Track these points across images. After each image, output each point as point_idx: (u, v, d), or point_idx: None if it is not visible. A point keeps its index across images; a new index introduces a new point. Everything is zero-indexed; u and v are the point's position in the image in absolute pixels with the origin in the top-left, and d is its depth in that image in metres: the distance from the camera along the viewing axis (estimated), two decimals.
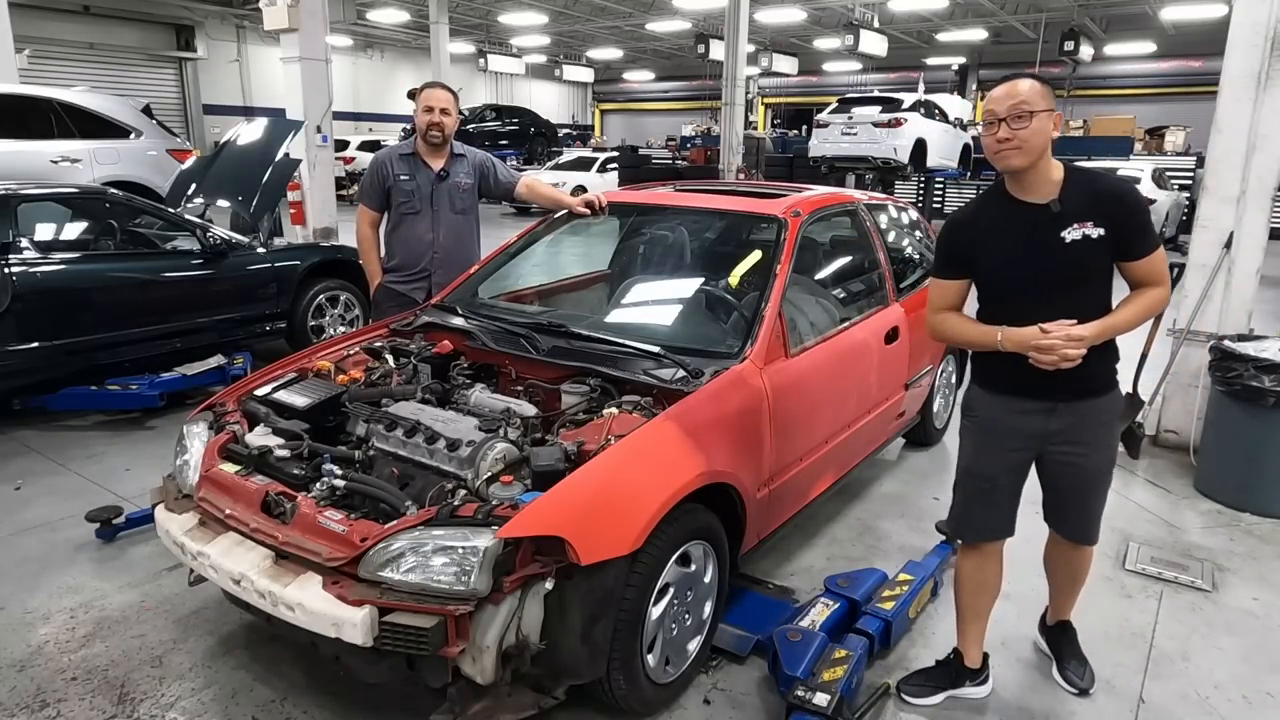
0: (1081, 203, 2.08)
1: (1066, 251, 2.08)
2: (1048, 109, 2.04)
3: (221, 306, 5.13)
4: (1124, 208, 2.09)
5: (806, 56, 25.25)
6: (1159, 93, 23.06)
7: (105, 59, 19.58)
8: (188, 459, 2.46)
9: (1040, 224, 2.10)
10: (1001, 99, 2.04)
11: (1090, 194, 2.09)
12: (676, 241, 3.57)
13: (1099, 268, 2.11)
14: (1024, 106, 2.01)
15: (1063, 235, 2.08)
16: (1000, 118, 2.03)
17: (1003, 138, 2.03)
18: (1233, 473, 3.84)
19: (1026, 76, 2.06)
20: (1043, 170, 2.10)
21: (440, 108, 3.56)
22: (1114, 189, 2.12)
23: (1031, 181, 2.11)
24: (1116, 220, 2.07)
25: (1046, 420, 2.22)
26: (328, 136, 9.58)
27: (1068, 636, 2.60)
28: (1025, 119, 2.01)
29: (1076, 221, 2.07)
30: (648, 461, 2.17)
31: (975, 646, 2.49)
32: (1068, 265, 2.09)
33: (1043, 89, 2.05)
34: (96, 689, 2.41)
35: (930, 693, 2.45)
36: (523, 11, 21.67)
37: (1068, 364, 2.04)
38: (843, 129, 14.87)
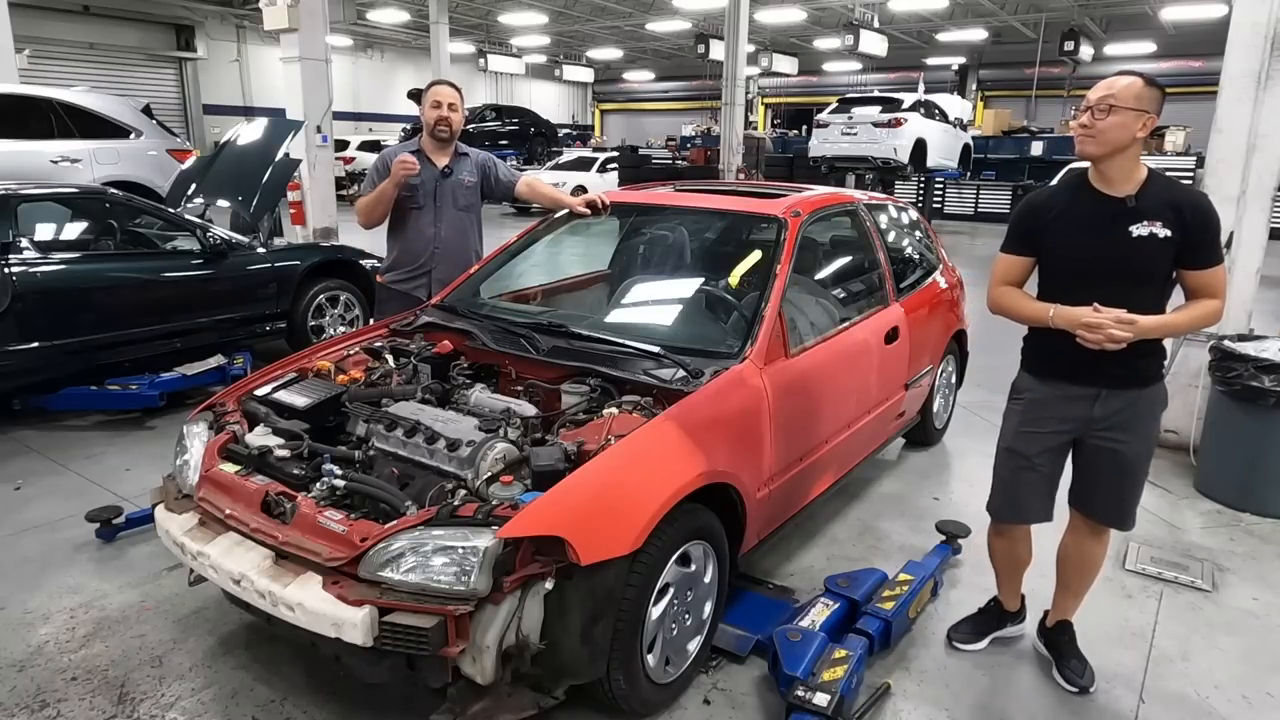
0: (1157, 204, 2.17)
1: (1132, 246, 2.16)
2: (1137, 110, 2.12)
3: (221, 306, 5.12)
4: (1197, 216, 2.16)
5: (806, 56, 25.25)
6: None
7: (105, 59, 19.57)
8: (188, 459, 2.46)
9: (1113, 216, 2.19)
10: (1096, 89, 2.18)
11: (1167, 198, 2.18)
12: (676, 241, 3.57)
13: (1160, 269, 2.19)
14: (1109, 100, 2.12)
15: (1131, 229, 2.17)
16: (1089, 106, 2.16)
17: (1083, 124, 2.16)
18: (1233, 473, 3.84)
19: (1132, 75, 2.17)
20: (1125, 167, 2.19)
21: (448, 103, 3.58)
22: (1191, 197, 2.20)
23: (1112, 175, 2.20)
24: (1187, 227, 2.15)
25: (1091, 406, 2.31)
26: (328, 136, 9.58)
27: (1067, 636, 2.61)
28: (1106, 112, 2.12)
29: (1148, 219, 2.16)
30: (648, 461, 2.17)
31: (1013, 597, 2.74)
32: (1130, 259, 2.17)
33: (1140, 91, 2.13)
34: (96, 689, 2.41)
35: (978, 639, 2.71)
36: (523, 11, 21.67)
37: (1113, 345, 2.11)
38: (843, 129, 14.88)
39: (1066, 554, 2.57)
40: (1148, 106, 2.13)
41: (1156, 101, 2.15)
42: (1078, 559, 2.55)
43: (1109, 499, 2.41)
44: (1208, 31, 16.20)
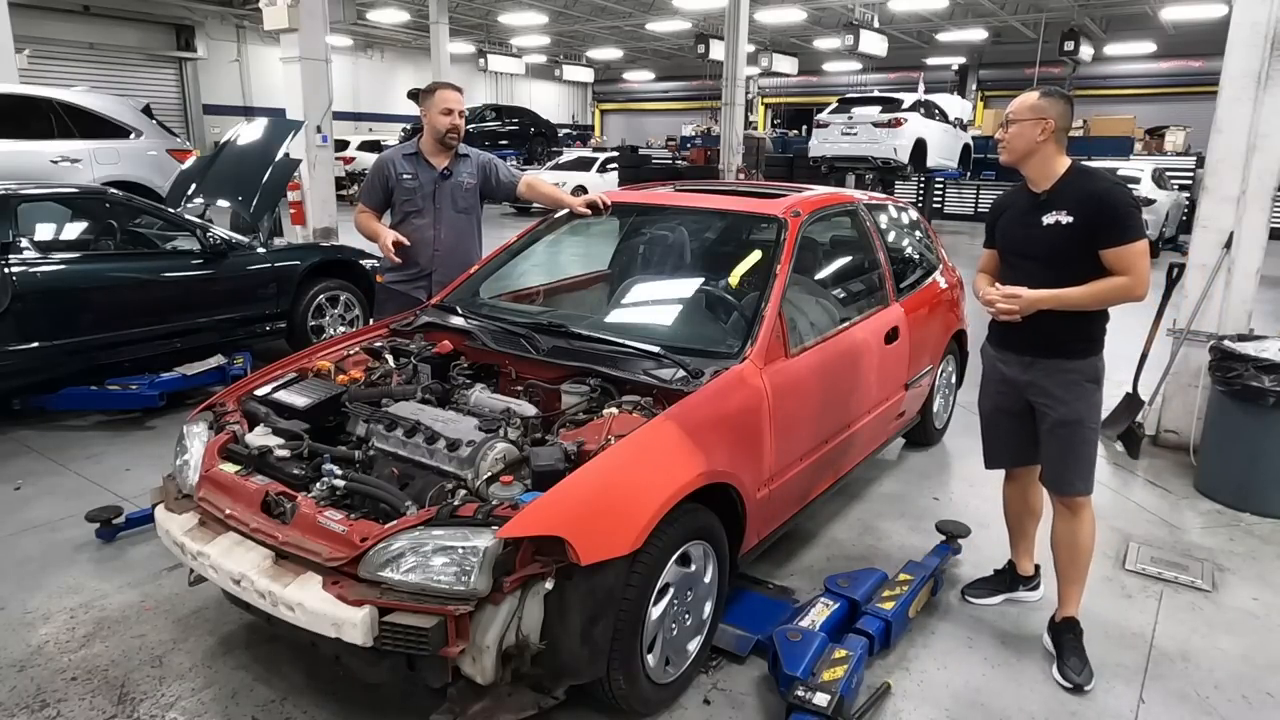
0: (1065, 195, 2.48)
1: (1043, 233, 2.49)
2: (1034, 119, 2.47)
3: (221, 306, 5.12)
4: (1099, 203, 2.42)
5: (806, 56, 25.25)
6: (1159, 93, 23.06)
7: (105, 59, 19.57)
8: (188, 459, 2.46)
9: (1031, 208, 2.55)
10: (1009, 107, 2.56)
11: (1076, 189, 2.47)
12: (676, 241, 3.57)
13: (1068, 252, 2.46)
14: (1007, 115, 2.53)
15: (1042, 219, 2.50)
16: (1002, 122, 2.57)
17: (998, 138, 2.60)
18: (1233, 473, 3.84)
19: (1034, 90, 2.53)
20: (1040, 167, 2.52)
21: (459, 110, 3.60)
22: (1097, 187, 2.46)
23: (1033, 175, 2.56)
24: (1089, 212, 2.42)
25: (1022, 372, 2.64)
26: (328, 136, 9.59)
27: (1072, 635, 2.65)
28: (1009, 125, 2.52)
29: (1055, 210, 2.47)
30: (648, 461, 2.17)
31: (1026, 558, 2.99)
32: (1041, 244, 2.51)
33: (1035, 103, 2.49)
34: (96, 689, 2.41)
35: (990, 595, 2.96)
36: (523, 11, 21.66)
37: (1006, 316, 2.49)
38: (843, 129, 14.88)
39: (1054, 540, 2.72)
40: (1044, 114, 2.46)
41: (1054, 107, 2.47)
42: (1061, 541, 2.69)
43: (1047, 462, 2.67)
44: (1208, 31, 16.20)
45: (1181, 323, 4.32)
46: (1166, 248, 13.09)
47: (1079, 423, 2.57)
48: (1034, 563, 3.00)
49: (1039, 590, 2.98)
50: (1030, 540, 2.97)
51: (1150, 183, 13.02)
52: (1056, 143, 2.49)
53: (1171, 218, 13.57)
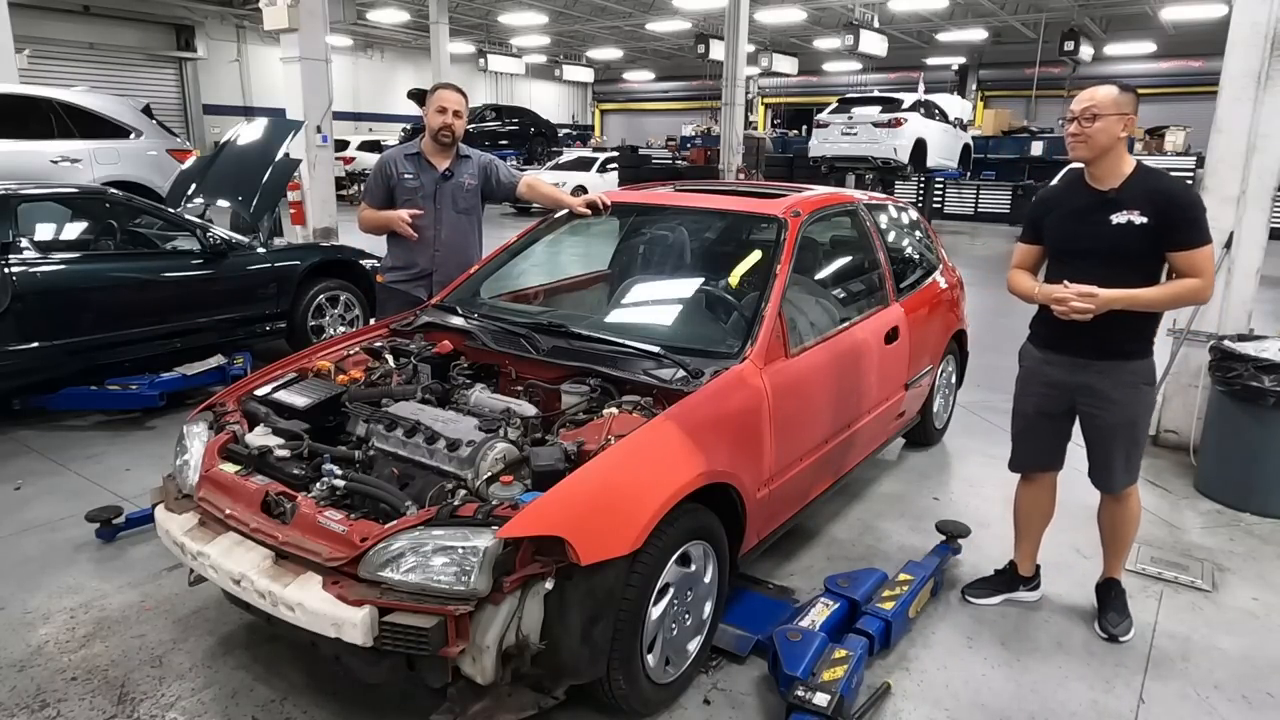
0: (1137, 194, 2.45)
1: (1111, 232, 2.45)
2: (1118, 114, 2.43)
3: (221, 306, 5.12)
4: (1172, 202, 2.41)
5: (806, 56, 25.25)
6: (1159, 93, 23.03)
7: (105, 59, 19.58)
8: (188, 459, 2.46)
9: (1097, 206, 2.50)
10: (1079, 100, 2.47)
11: (1148, 188, 2.45)
12: (676, 241, 3.57)
13: (1138, 252, 2.44)
14: (1093, 109, 2.43)
15: (1111, 218, 2.46)
16: (1075, 116, 2.46)
17: (1073, 131, 2.48)
18: (1233, 473, 3.84)
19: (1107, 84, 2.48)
20: (1111, 164, 2.49)
21: (453, 109, 3.58)
22: (1170, 186, 2.46)
23: (1101, 173, 2.51)
24: (1163, 212, 2.40)
25: (1073, 374, 2.62)
26: (328, 136, 9.59)
27: (1113, 593, 2.84)
28: (1092, 120, 2.43)
29: (1126, 209, 2.44)
30: (648, 461, 2.17)
31: (1028, 560, 2.99)
32: (1110, 243, 2.46)
33: (1118, 98, 2.44)
34: (96, 689, 2.41)
35: (990, 594, 2.96)
36: (523, 11, 21.66)
37: (1080, 316, 2.41)
38: (843, 129, 14.88)
39: (1100, 520, 2.86)
40: (1126, 109, 2.44)
41: (1133, 104, 2.46)
42: (1107, 523, 2.84)
43: (1094, 463, 2.72)
44: (1208, 31, 16.21)
45: (1181, 323, 4.32)
46: None
47: (1132, 424, 2.60)
48: (1036, 563, 3.01)
49: (1038, 590, 3.00)
50: (1037, 543, 2.98)
51: None
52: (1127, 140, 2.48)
53: None
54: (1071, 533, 3.31)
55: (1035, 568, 3.02)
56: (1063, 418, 2.73)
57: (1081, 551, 3.30)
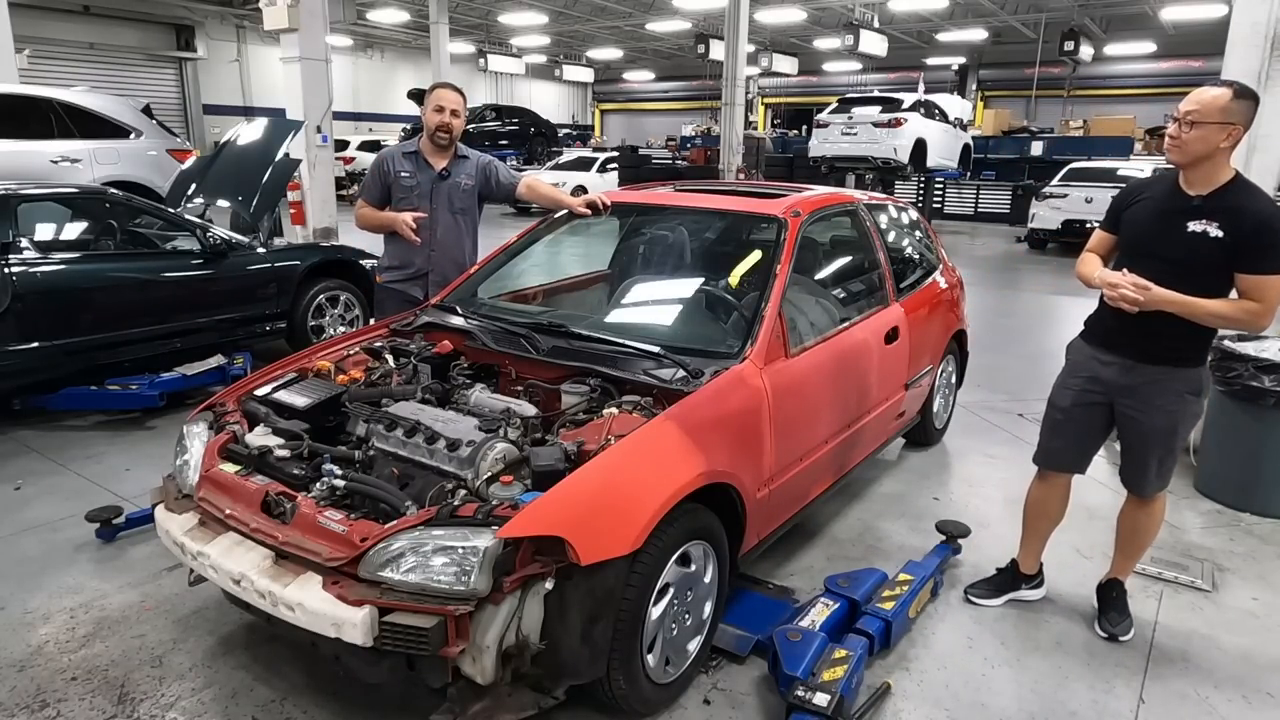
0: (1222, 207, 2.37)
1: (1185, 238, 2.40)
2: (1221, 123, 2.30)
3: (221, 306, 5.12)
4: (1254, 223, 2.32)
5: (806, 56, 25.25)
6: (1159, 93, 23.03)
7: (105, 59, 19.58)
8: (188, 459, 2.46)
9: (1178, 210, 2.43)
10: (1187, 101, 2.37)
11: (1235, 204, 2.37)
12: (676, 241, 3.57)
13: (1208, 264, 2.38)
14: (1193, 115, 2.33)
15: (1188, 225, 2.40)
16: (1177, 118, 2.37)
17: (1172, 134, 2.38)
18: (1233, 473, 3.84)
19: (1223, 86, 2.34)
20: (1207, 172, 2.40)
21: (451, 108, 3.57)
22: (1260, 208, 2.36)
23: (1194, 178, 2.43)
24: (1240, 231, 2.33)
25: (1120, 374, 2.58)
26: (328, 136, 9.59)
27: (1115, 593, 2.83)
28: (1191, 126, 2.33)
29: (1205, 219, 2.38)
30: (648, 461, 2.17)
31: (1032, 559, 2.97)
32: (1181, 249, 2.40)
33: (1227, 105, 2.30)
34: (96, 689, 2.41)
35: (994, 595, 2.93)
36: (523, 11, 21.67)
37: (1126, 305, 2.36)
38: (843, 129, 14.88)
39: (1121, 520, 2.84)
40: (1234, 119, 2.30)
41: (1246, 112, 2.32)
42: (1127, 525, 2.81)
43: (1128, 465, 2.70)
44: (1208, 31, 16.20)
45: None
46: None
47: (1172, 433, 2.57)
48: (1040, 561, 3.00)
49: (1041, 589, 3.00)
50: (1043, 543, 2.97)
51: None
52: (1232, 149, 2.38)
53: None
54: (1071, 533, 3.31)
55: (1039, 566, 3.00)
56: (1097, 417, 2.68)
57: (1082, 551, 3.30)
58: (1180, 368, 2.51)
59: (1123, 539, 2.84)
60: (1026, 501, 2.96)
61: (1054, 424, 2.80)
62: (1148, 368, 2.52)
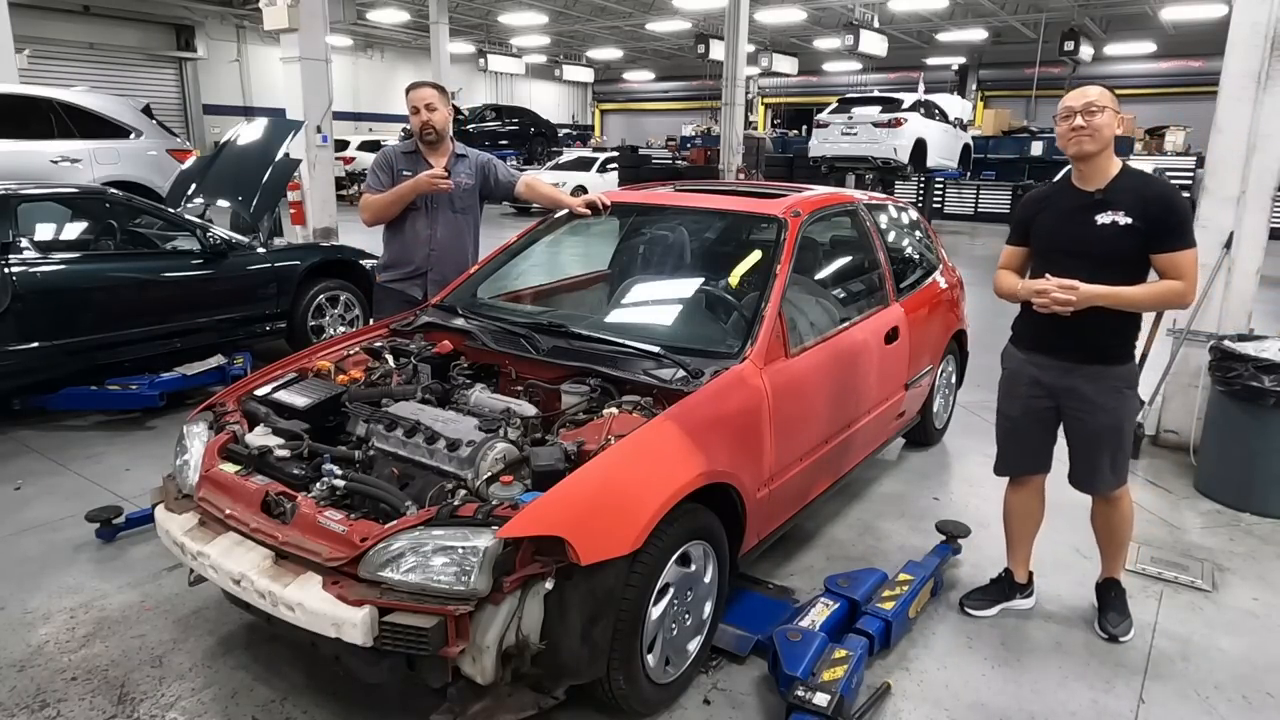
0: (1123, 195, 2.45)
1: (1097, 233, 2.46)
2: (1114, 109, 2.45)
3: (221, 306, 5.12)
4: (1160, 205, 2.42)
5: (806, 56, 25.24)
6: (1159, 93, 23.05)
7: (105, 59, 19.57)
8: (188, 459, 2.46)
9: (1082, 208, 2.50)
10: (1076, 97, 2.48)
11: (1134, 190, 2.46)
12: (676, 241, 3.57)
13: (1123, 253, 2.45)
14: (1097, 103, 2.43)
15: (1097, 219, 2.46)
16: (1076, 110, 2.44)
17: (1078, 125, 2.44)
18: (1233, 473, 3.84)
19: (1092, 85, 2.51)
20: (1104, 164, 2.49)
21: (425, 104, 3.51)
22: (1156, 189, 2.47)
23: (1090, 172, 2.51)
24: (1149, 215, 2.41)
25: (1059, 377, 2.61)
26: (328, 136, 9.59)
27: (1113, 593, 2.84)
28: (1098, 112, 2.42)
29: (1112, 210, 2.45)
30: (648, 461, 2.17)
31: (1022, 566, 2.97)
32: (1095, 244, 2.46)
33: (1111, 95, 2.47)
34: (96, 689, 2.41)
35: (988, 605, 2.91)
36: (523, 11, 21.66)
37: (1059, 308, 2.42)
38: (843, 129, 14.88)
39: (1094, 523, 2.85)
40: (1117, 107, 2.49)
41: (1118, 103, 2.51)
42: (1101, 525, 2.82)
43: (1077, 464, 2.72)
44: (1208, 31, 16.21)
45: (1181, 323, 4.32)
46: None
47: (1118, 429, 2.59)
48: (1029, 570, 2.98)
49: (1032, 598, 2.96)
50: (1029, 547, 2.96)
51: None
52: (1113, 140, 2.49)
53: None
54: (1071, 533, 3.31)
55: (1029, 574, 2.98)
56: (1049, 420, 2.71)
57: (1081, 551, 3.30)
58: (1113, 364, 2.56)
59: (1102, 540, 2.86)
60: (1004, 511, 2.95)
61: (1007, 433, 2.83)
62: (1084, 367, 2.56)
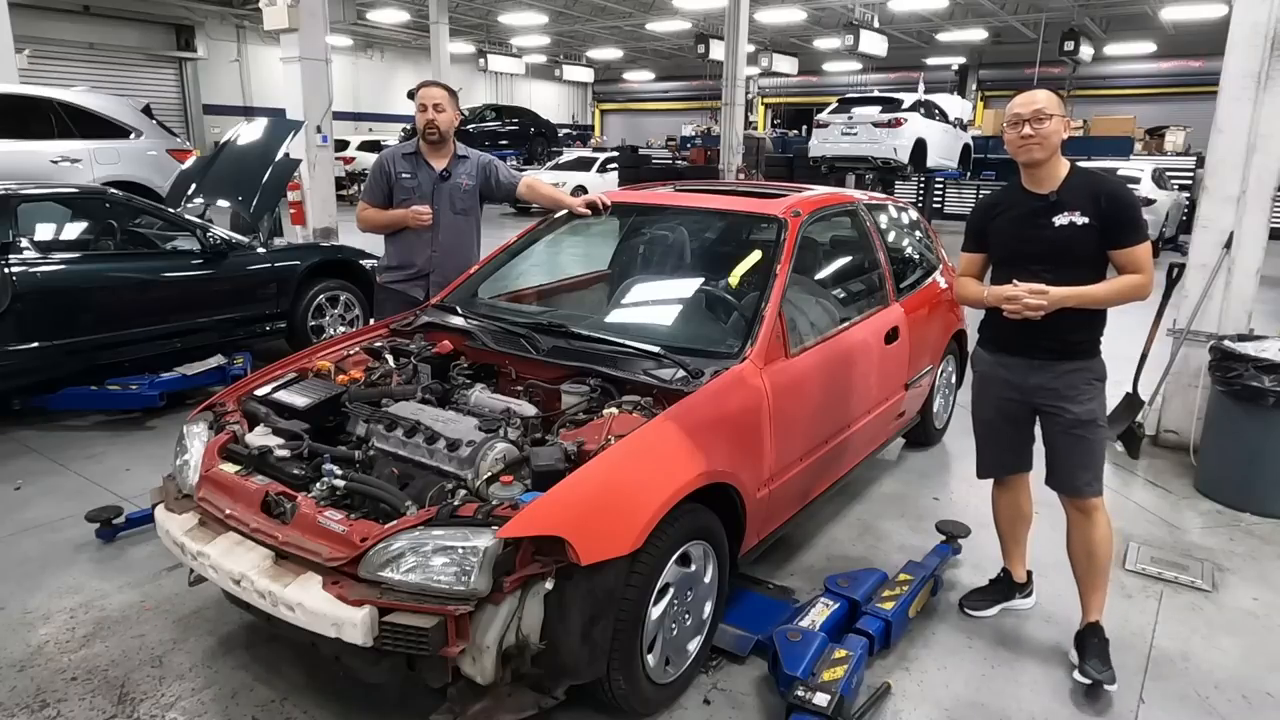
0: (1076, 195, 2.46)
1: (1055, 234, 2.46)
2: (1060, 114, 2.46)
3: (221, 306, 5.13)
4: (1113, 202, 2.43)
5: (806, 56, 25.25)
6: (1159, 93, 23.05)
7: (105, 59, 19.57)
8: (188, 459, 2.46)
9: (1038, 211, 2.50)
10: (1024, 104, 2.46)
11: (1085, 189, 2.47)
12: (676, 241, 3.57)
13: (1082, 252, 2.46)
14: (1044, 110, 2.43)
15: (1054, 220, 2.47)
16: (1025, 119, 2.44)
17: (1026, 134, 2.45)
18: (1233, 473, 3.84)
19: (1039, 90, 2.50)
20: (1051, 168, 2.50)
21: (434, 104, 3.54)
22: (1108, 186, 2.48)
23: (1042, 176, 2.51)
24: (1104, 213, 2.42)
25: (1028, 375, 2.59)
26: (328, 136, 9.60)
27: (1096, 639, 2.59)
28: (1045, 120, 2.43)
29: (1068, 210, 2.45)
30: (648, 461, 2.17)
31: (1019, 565, 2.95)
32: (1054, 245, 2.46)
33: (1057, 100, 2.49)
34: (96, 689, 2.41)
35: (988, 606, 2.90)
36: (523, 11, 21.66)
37: (1031, 314, 2.40)
38: (843, 129, 14.87)
39: (1070, 549, 2.69)
40: (1064, 112, 2.49)
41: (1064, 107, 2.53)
42: (1079, 549, 2.65)
43: (1055, 465, 2.63)
44: (1208, 31, 16.21)
45: (1181, 323, 4.32)
46: (1167, 248, 13.09)
47: (1093, 422, 2.57)
48: (1027, 569, 2.96)
49: (1032, 598, 2.95)
50: (1023, 546, 2.94)
51: (1150, 183, 13.00)
52: None
53: (1171, 218, 13.57)
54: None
55: (1028, 574, 2.97)
56: (1025, 419, 2.70)
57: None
58: (1083, 359, 2.55)
59: (1080, 569, 2.66)
60: (994, 512, 2.93)
61: (983, 435, 2.82)
62: (1053, 364, 2.55)
